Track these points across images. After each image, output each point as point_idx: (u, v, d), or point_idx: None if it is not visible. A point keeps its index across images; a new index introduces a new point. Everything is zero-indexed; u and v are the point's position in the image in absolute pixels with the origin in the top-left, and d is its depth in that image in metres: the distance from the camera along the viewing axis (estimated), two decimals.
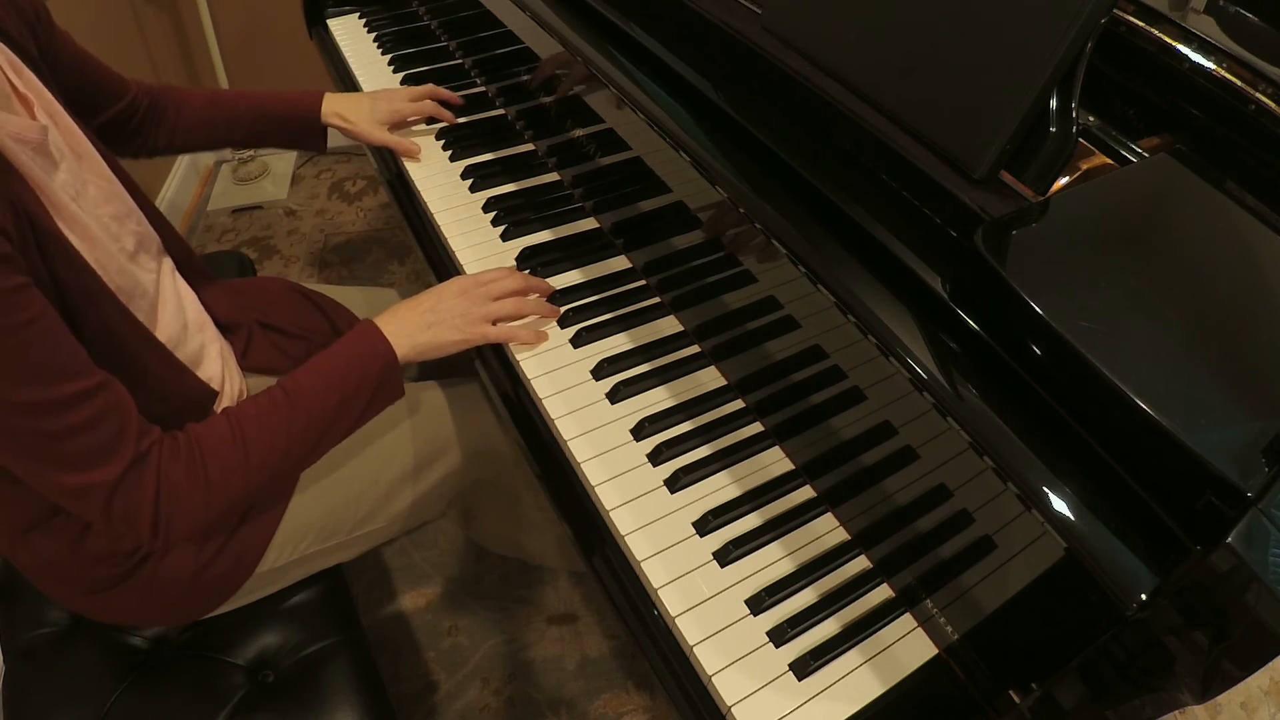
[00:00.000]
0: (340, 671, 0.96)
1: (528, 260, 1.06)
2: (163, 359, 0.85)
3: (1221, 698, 1.26)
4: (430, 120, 1.27)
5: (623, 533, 0.80)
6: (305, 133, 1.21)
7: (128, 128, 1.08)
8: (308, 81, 2.22)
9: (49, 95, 0.82)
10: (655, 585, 0.76)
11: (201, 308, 1.00)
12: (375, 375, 0.85)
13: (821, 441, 0.83)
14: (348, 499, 0.99)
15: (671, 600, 0.75)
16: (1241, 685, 0.54)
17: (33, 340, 0.65)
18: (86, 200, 0.82)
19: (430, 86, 1.26)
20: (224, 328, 1.03)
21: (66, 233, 0.74)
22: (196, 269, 1.04)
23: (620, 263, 1.06)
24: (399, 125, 1.25)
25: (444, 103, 1.26)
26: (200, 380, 0.90)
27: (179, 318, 0.91)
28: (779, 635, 0.73)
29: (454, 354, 0.93)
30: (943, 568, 0.72)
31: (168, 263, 0.96)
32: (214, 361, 0.95)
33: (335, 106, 1.20)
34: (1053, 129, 0.64)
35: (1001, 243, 0.61)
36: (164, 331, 0.88)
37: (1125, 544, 0.53)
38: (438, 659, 1.43)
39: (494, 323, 0.93)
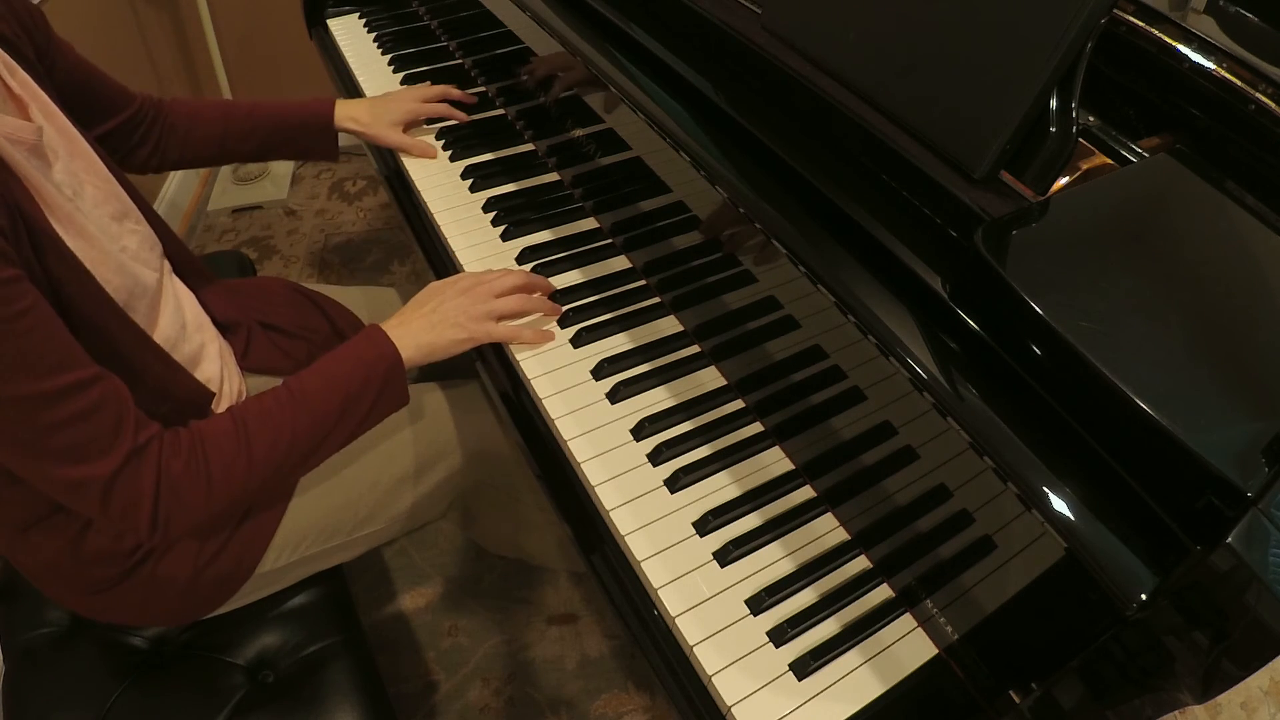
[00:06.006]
0: (340, 671, 0.96)
1: (527, 260, 1.06)
2: (158, 358, 0.85)
3: (1221, 698, 1.26)
4: (430, 120, 1.27)
5: (623, 533, 0.80)
6: (319, 141, 1.20)
7: (133, 139, 1.07)
8: (308, 82, 2.25)
9: (45, 97, 0.82)
10: (655, 585, 0.76)
11: (200, 308, 1.00)
12: (380, 378, 0.85)
13: (821, 441, 0.83)
14: (348, 500, 0.99)
15: (671, 600, 0.75)
16: (1241, 685, 0.54)
17: (25, 332, 0.65)
18: (84, 200, 0.82)
19: (444, 87, 1.26)
20: (223, 327, 1.03)
21: (61, 231, 0.75)
22: (195, 269, 1.04)
23: (620, 263, 1.06)
24: (413, 125, 1.24)
25: (457, 102, 1.26)
26: (196, 380, 0.90)
27: (177, 318, 0.92)
28: (779, 635, 0.73)
29: (458, 354, 0.92)
30: (943, 568, 0.72)
31: (165, 264, 0.96)
32: (213, 361, 0.95)
33: (349, 111, 1.20)
34: (1053, 129, 0.64)
35: (1001, 243, 0.61)
36: (163, 331, 0.88)
37: (1125, 544, 0.53)
38: (438, 659, 1.43)
39: (498, 320, 0.93)
